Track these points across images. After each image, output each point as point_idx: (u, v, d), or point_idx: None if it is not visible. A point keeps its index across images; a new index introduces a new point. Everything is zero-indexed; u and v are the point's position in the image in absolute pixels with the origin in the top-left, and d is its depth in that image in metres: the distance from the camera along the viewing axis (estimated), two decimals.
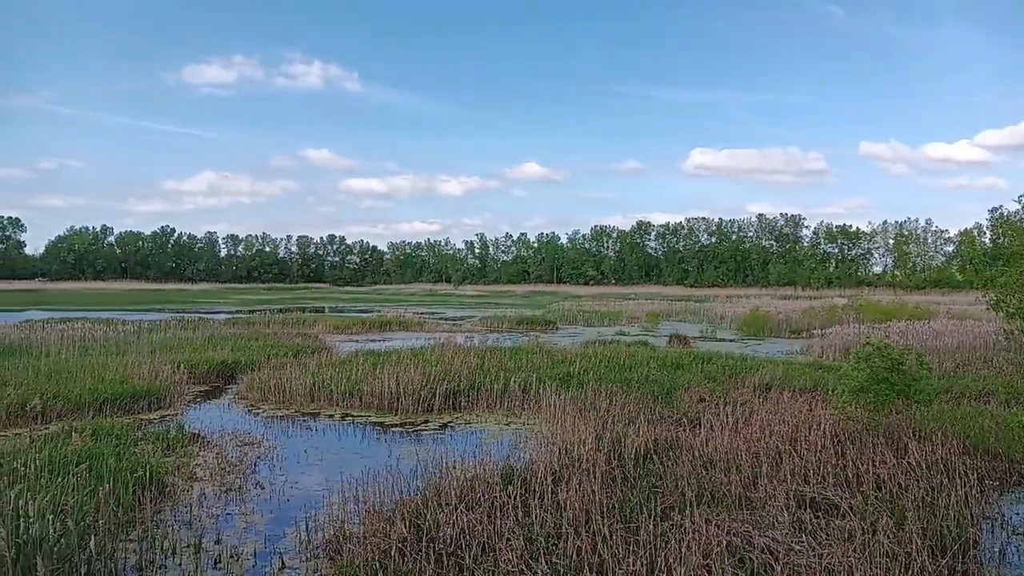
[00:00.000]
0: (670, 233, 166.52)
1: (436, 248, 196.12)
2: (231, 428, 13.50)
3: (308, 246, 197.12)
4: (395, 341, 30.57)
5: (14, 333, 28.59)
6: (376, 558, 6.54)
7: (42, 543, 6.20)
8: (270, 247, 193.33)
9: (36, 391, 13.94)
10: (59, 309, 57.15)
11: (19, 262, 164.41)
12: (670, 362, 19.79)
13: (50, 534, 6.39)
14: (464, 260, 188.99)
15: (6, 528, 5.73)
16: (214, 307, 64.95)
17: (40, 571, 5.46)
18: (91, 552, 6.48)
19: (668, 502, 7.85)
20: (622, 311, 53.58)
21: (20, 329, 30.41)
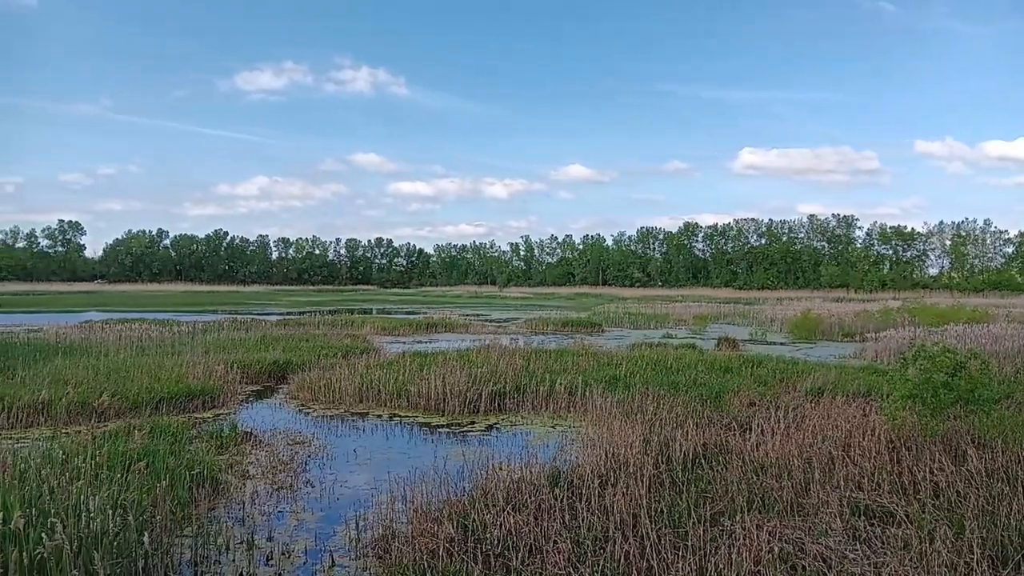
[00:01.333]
0: (718, 234, 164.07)
1: (481, 250, 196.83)
2: (282, 427, 13.78)
3: (356, 249, 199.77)
4: (441, 342, 30.79)
5: (75, 333, 29.61)
6: (424, 558, 6.59)
7: (102, 538, 6.39)
8: (319, 250, 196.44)
9: (96, 390, 14.39)
10: (117, 310, 58.96)
11: (79, 264, 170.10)
12: (719, 365, 19.52)
13: (110, 529, 6.59)
14: (509, 262, 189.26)
15: (68, 522, 5.93)
16: (265, 308, 66.27)
17: (98, 565, 5.62)
18: (148, 547, 6.67)
19: (717, 507, 7.75)
20: (669, 313, 53.05)
21: (80, 329, 31.50)
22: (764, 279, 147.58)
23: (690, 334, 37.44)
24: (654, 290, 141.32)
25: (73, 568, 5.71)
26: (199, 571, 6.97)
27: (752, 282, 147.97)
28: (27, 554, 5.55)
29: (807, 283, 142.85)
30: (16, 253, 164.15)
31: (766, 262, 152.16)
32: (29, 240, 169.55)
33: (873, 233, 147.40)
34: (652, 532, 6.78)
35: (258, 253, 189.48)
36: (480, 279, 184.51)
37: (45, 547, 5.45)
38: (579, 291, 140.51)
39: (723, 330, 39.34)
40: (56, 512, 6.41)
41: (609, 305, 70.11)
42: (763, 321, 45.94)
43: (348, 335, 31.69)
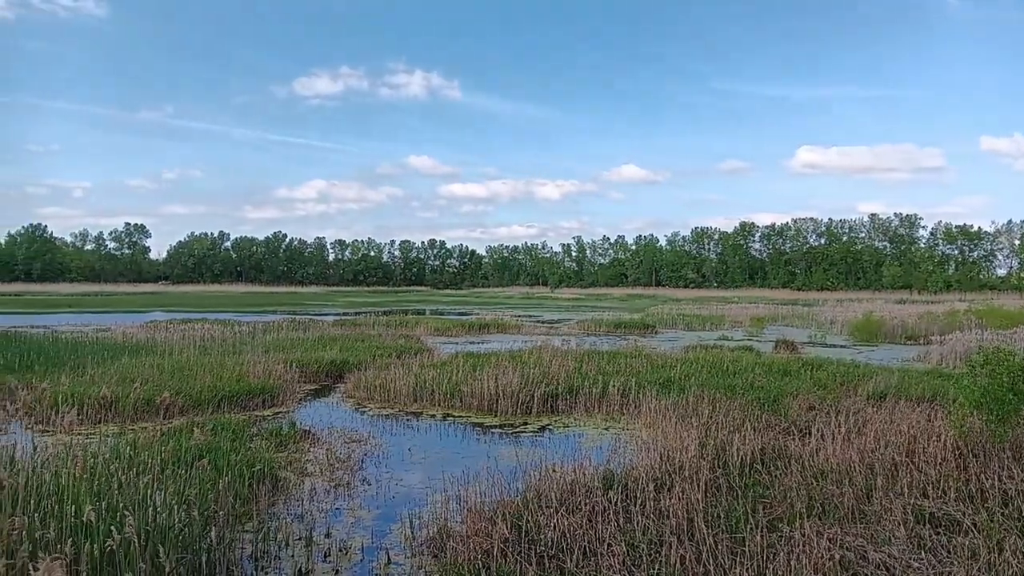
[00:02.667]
0: (775, 234, 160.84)
1: (533, 251, 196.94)
2: (339, 425, 14.01)
3: (410, 250, 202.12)
4: (493, 343, 30.90)
5: (140, 333, 30.65)
6: (479, 557, 6.62)
7: (168, 532, 6.58)
8: (374, 251, 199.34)
9: (161, 388, 14.86)
10: (180, 310, 60.79)
11: (144, 266, 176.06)
12: (777, 368, 19.12)
13: (175, 523, 6.80)
14: (560, 263, 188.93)
15: (135, 516, 6.13)
16: (322, 309, 67.49)
17: (164, 559, 5.80)
18: (211, 542, 6.85)
19: (776, 513, 7.59)
20: (724, 315, 52.25)
21: (145, 329, 32.59)
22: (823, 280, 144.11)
23: (747, 336, 36.78)
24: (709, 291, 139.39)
25: (140, 561, 5.89)
26: (259, 566, 7.13)
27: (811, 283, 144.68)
28: (97, 546, 5.74)
29: (868, 284, 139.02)
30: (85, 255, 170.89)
31: (825, 262, 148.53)
32: (97, 242, 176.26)
33: (938, 232, 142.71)
34: (708, 537, 6.68)
35: (315, 255, 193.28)
36: (532, 280, 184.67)
37: (115, 540, 5.64)
38: (632, 292, 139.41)
39: (781, 332, 38.56)
40: (124, 506, 6.63)
41: (663, 306, 69.42)
42: (822, 323, 44.84)
43: (402, 335, 32.07)
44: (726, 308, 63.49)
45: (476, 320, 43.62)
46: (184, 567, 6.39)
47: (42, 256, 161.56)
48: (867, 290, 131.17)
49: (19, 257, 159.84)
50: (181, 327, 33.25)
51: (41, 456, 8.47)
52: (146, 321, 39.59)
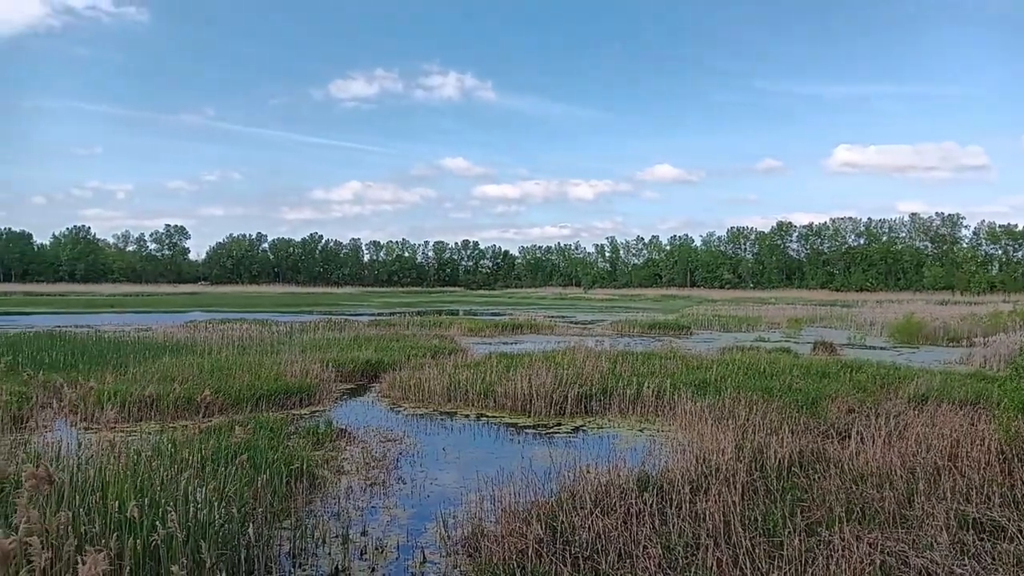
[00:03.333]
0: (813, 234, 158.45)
1: (566, 252, 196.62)
2: (375, 425, 14.13)
3: (444, 251, 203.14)
4: (526, 344, 30.90)
5: (180, 332, 31.23)
6: (513, 557, 6.63)
7: (208, 528, 6.70)
8: (409, 252, 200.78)
9: (201, 386, 15.11)
10: (219, 310, 61.80)
11: (184, 267, 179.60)
12: (815, 370, 18.82)
13: (215, 519, 6.91)
14: (594, 264, 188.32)
15: (177, 512, 6.24)
16: (358, 309, 68.12)
17: (205, 554, 5.89)
18: (250, 538, 6.96)
19: (814, 517, 7.47)
20: (761, 316, 51.61)
21: (185, 329, 33.21)
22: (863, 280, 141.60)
23: (784, 337, 36.26)
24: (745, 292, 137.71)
25: (182, 556, 5.99)
26: (297, 563, 7.21)
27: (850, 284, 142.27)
28: (140, 541, 5.86)
29: (909, 285, 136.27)
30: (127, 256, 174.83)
31: (865, 263, 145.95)
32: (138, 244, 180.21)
33: (981, 232, 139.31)
34: (745, 540, 6.61)
35: (351, 256, 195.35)
36: (565, 281, 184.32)
37: (159, 535, 5.75)
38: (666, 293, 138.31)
39: (819, 333, 37.95)
40: (166, 502, 6.76)
41: (698, 307, 68.79)
42: (862, 324, 44.04)
43: (436, 335, 32.21)
44: (763, 309, 62.71)
45: (509, 320, 43.66)
46: (224, 563, 6.48)
47: (85, 257, 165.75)
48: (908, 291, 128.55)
49: (63, 258, 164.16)
50: (220, 327, 33.80)
51: (86, 453, 8.69)
52: (186, 321, 40.35)
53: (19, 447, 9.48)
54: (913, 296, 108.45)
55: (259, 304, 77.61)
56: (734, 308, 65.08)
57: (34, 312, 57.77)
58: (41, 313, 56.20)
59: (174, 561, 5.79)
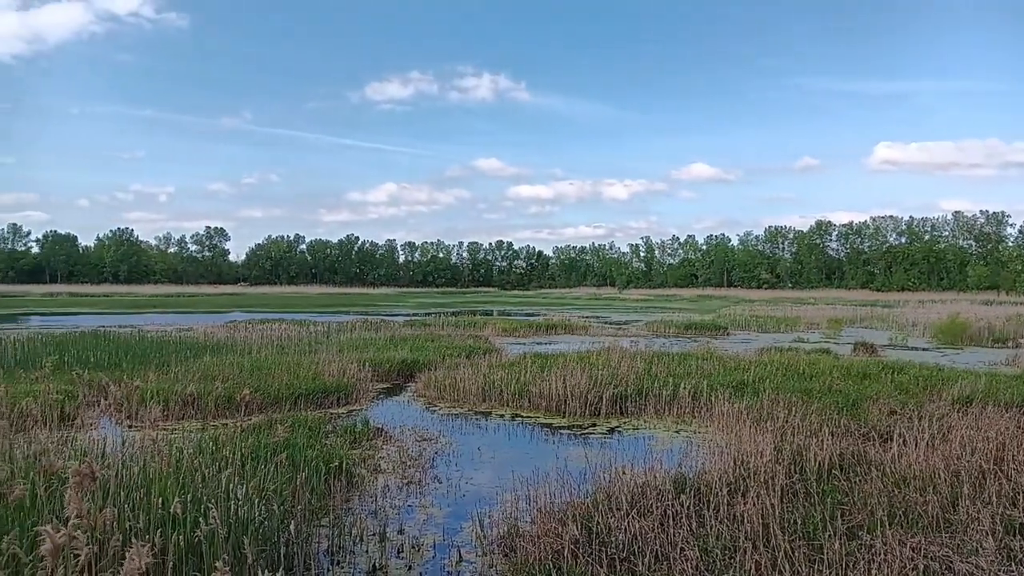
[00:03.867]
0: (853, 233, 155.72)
1: (600, 252, 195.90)
2: (411, 424, 14.22)
3: (478, 252, 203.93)
4: (560, 344, 30.83)
5: (221, 332, 31.76)
6: (549, 557, 6.62)
7: (248, 525, 6.80)
8: (443, 253, 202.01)
9: (241, 385, 15.34)
10: (258, 311, 62.74)
11: (224, 268, 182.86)
12: (856, 371, 18.48)
13: (256, 516, 7.02)
14: (628, 264, 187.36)
15: (219, 509, 6.34)
16: (393, 309, 68.65)
17: (247, 550, 5.98)
18: (290, 535, 7.05)
19: (855, 520, 7.34)
20: (800, 316, 50.84)
21: (226, 329, 33.78)
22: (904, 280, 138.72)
23: (823, 338, 35.67)
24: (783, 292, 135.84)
25: (223, 552, 6.09)
26: (335, 560, 7.29)
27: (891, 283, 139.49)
28: (183, 537, 5.97)
29: (952, 284, 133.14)
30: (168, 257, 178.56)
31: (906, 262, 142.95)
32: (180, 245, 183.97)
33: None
34: (784, 543, 6.50)
35: (386, 257, 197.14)
36: (599, 281, 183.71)
37: (202, 531, 5.86)
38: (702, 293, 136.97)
39: (859, 334, 37.28)
40: (207, 499, 6.88)
41: (735, 307, 68.04)
42: (904, 325, 43.11)
43: (471, 336, 32.30)
44: (801, 309, 61.78)
45: (543, 321, 43.61)
46: (264, 559, 6.58)
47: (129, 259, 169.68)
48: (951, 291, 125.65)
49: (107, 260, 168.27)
50: (259, 327, 34.32)
51: (130, 450, 8.89)
52: (226, 321, 41.06)
53: (66, 444, 9.71)
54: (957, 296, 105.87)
55: (297, 305, 78.62)
56: (772, 308, 64.21)
57: (79, 312, 59.31)
58: (86, 313, 57.67)
59: (216, 557, 5.89)
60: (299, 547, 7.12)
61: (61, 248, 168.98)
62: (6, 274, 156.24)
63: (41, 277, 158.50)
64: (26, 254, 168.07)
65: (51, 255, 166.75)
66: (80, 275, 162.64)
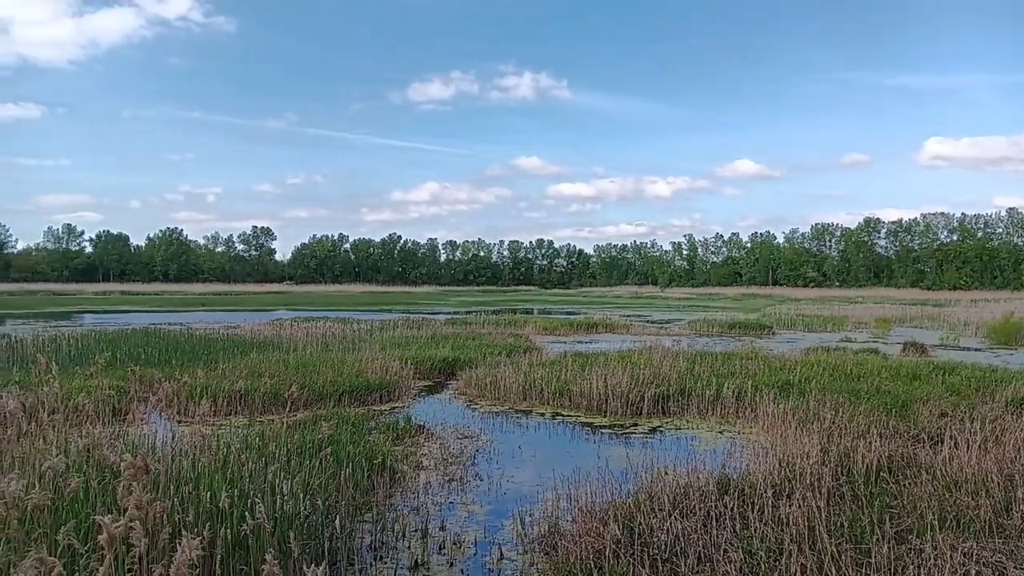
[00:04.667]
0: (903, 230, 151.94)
1: (642, 250, 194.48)
2: (452, 422, 14.30)
3: (518, 250, 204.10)
4: (601, 343, 30.71)
5: (267, 330, 32.32)
6: (590, 557, 6.60)
7: (294, 519, 6.92)
8: (484, 252, 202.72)
9: (287, 382, 15.60)
10: (303, 309, 63.76)
11: (270, 267, 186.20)
12: (905, 372, 18.02)
13: (301, 511, 7.13)
14: (671, 262, 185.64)
15: (265, 504, 6.46)
16: (434, 308, 69.07)
17: (293, 544, 6.07)
18: (335, 530, 7.14)
19: (905, 524, 7.16)
20: (847, 316, 49.80)
21: (271, 326, 34.34)
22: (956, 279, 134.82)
23: (871, 338, 34.89)
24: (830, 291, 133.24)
25: (269, 546, 6.20)
26: (378, 555, 7.36)
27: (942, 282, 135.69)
28: (230, 531, 6.10)
29: (1006, 283, 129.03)
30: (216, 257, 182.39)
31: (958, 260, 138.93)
32: (227, 245, 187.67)
33: None
34: (831, 546, 6.38)
35: (428, 255, 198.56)
36: (641, 279, 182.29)
37: (248, 525, 5.97)
38: (747, 292, 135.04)
39: (909, 334, 36.37)
40: (254, 493, 7.01)
41: (780, 306, 66.96)
42: (955, 324, 41.95)
43: (511, 334, 32.34)
44: (849, 309, 60.53)
45: (584, 320, 43.45)
46: (308, 554, 6.68)
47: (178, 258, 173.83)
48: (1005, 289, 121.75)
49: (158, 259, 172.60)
50: (304, 325, 34.85)
51: (179, 445, 9.10)
52: (272, 319, 41.77)
53: (117, 439, 9.99)
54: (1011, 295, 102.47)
55: (341, 303, 79.68)
56: (818, 307, 63.04)
57: (131, 310, 60.96)
58: (137, 311, 59.26)
59: (262, 551, 6.00)
60: (343, 542, 7.21)
61: (113, 248, 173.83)
62: (61, 273, 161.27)
63: (94, 276, 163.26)
64: (80, 254, 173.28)
65: (104, 255, 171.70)
66: (131, 274, 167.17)
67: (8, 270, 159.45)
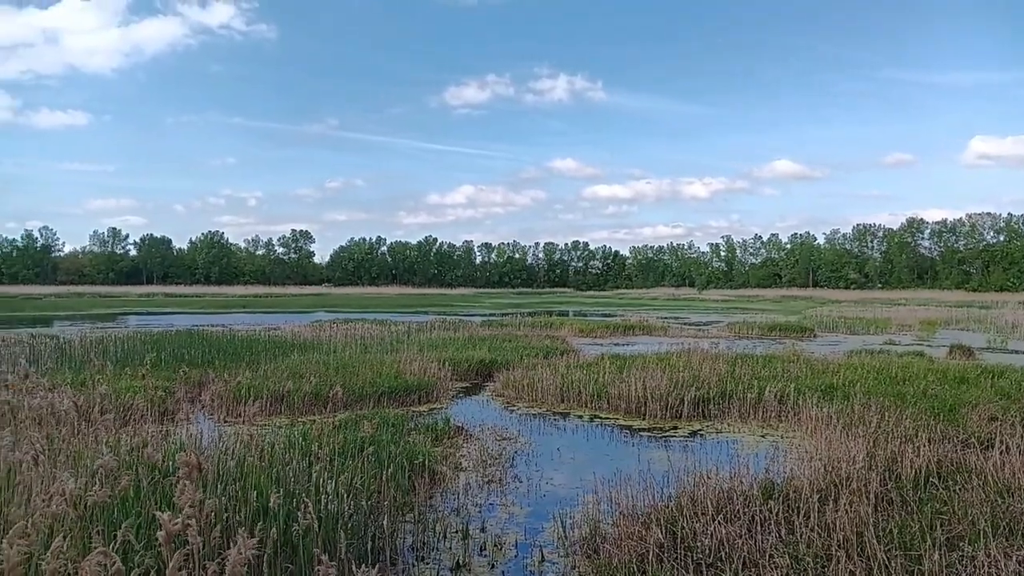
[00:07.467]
0: (947, 231, 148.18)
1: (679, 252, 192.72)
2: (490, 423, 14.33)
3: (553, 252, 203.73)
4: (639, 345, 30.51)
5: (307, 332, 32.74)
6: (633, 561, 6.56)
7: (338, 518, 7.00)
8: (519, 254, 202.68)
9: (328, 383, 15.79)
10: (342, 311, 64.46)
11: (309, 269, 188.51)
12: (952, 375, 17.58)
13: (345, 511, 7.21)
14: (708, 263, 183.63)
15: (311, 502, 6.54)
16: (470, 310, 69.33)
17: (340, 543, 6.14)
18: (380, 530, 7.21)
19: (956, 531, 6.99)
20: (891, 318, 48.80)
21: (311, 328, 34.78)
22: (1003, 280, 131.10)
23: (916, 341, 34.14)
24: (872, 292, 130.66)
25: (315, 546, 6.28)
26: (419, 556, 7.41)
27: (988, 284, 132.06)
28: (278, 530, 6.18)
29: None
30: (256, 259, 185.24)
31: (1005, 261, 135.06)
32: (267, 248, 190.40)
33: None
34: (880, 553, 6.26)
35: (463, 258, 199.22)
36: (678, 281, 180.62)
37: (298, 525, 6.05)
38: (786, 294, 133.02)
39: (955, 337, 35.48)
40: (299, 493, 7.11)
41: (821, 308, 65.87)
42: (1003, 327, 40.86)
43: (548, 336, 32.32)
44: (892, 311, 59.34)
45: (621, 322, 43.21)
46: (352, 553, 6.75)
47: (219, 261, 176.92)
48: None
49: (200, 262, 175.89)
50: (343, 326, 35.20)
51: (225, 444, 9.26)
52: (311, 321, 42.32)
53: (165, 438, 10.21)
54: None
55: (378, 305, 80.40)
56: (861, 310, 61.89)
57: (174, 312, 62.25)
58: (180, 313, 60.50)
59: (309, 550, 6.08)
60: (385, 542, 7.27)
61: (157, 251, 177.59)
62: (107, 275, 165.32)
63: (138, 278, 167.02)
64: (124, 256, 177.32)
65: (148, 257, 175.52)
66: (174, 276, 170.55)
67: (56, 272, 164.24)
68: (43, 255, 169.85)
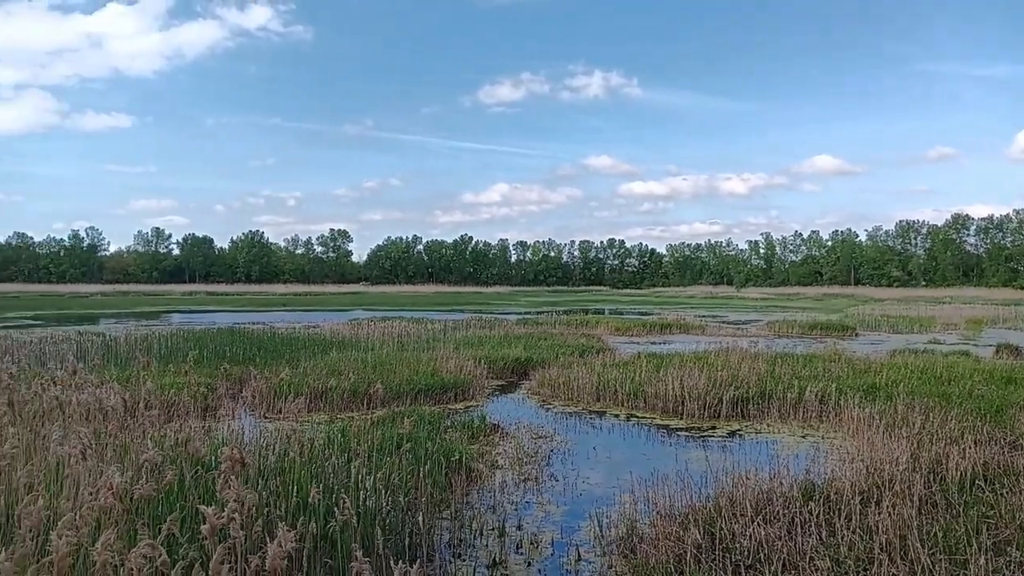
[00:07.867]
0: (994, 227, 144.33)
1: (717, 249, 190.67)
2: (526, 421, 14.35)
3: (589, 250, 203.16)
4: (675, 344, 30.27)
5: (345, 330, 33.12)
6: (671, 561, 6.52)
7: (376, 514, 7.07)
8: (554, 252, 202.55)
9: (365, 380, 15.95)
10: (379, 309, 65.09)
11: (347, 268, 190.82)
12: (999, 375, 17.12)
13: (383, 507, 7.28)
14: (747, 261, 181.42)
15: (350, 498, 6.62)
16: (506, 308, 69.45)
17: (379, 540, 6.20)
18: (418, 526, 7.26)
19: (1004, 535, 6.82)
20: (935, 316, 47.73)
21: (349, 326, 35.19)
22: None
23: (961, 340, 33.32)
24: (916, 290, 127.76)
25: (353, 541, 6.35)
26: (456, 552, 7.45)
27: None
28: (318, 525, 6.27)
29: None
30: (296, 258, 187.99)
31: None
32: (306, 247, 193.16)
33: None
34: (924, 557, 6.13)
35: (499, 256, 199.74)
36: (715, 279, 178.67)
37: (337, 520, 6.14)
38: (827, 292, 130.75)
39: (1002, 336, 34.55)
40: (339, 489, 7.20)
41: (863, 307, 64.68)
42: None
43: (583, 335, 32.23)
44: (936, 309, 58.02)
45: (657, 320, 42.92)
46: (390, 549, 6.82)
47: (260, 260, 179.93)
48: None
49: (240, 261, 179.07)
50: (380, 324, 35.54)
51: (266, 440, 9.42)
52: (349, 319, 42.84)
53: (208, 433, 10.41)
54: None
55: (415, 303, 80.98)
56: (904, 308, 60.62)
57: (215, 310, 63.48)
58: (221, 311, 61.63)
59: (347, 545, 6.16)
60: (422, 538, 7.33)
61: (199, 250, 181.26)
62: (150, 274, 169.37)
63: (181, 277, 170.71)
64: (168, 256, 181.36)
65: (190, 257, 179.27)
66: (216, 275, 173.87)
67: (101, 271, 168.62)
68: (89, 255, 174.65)
